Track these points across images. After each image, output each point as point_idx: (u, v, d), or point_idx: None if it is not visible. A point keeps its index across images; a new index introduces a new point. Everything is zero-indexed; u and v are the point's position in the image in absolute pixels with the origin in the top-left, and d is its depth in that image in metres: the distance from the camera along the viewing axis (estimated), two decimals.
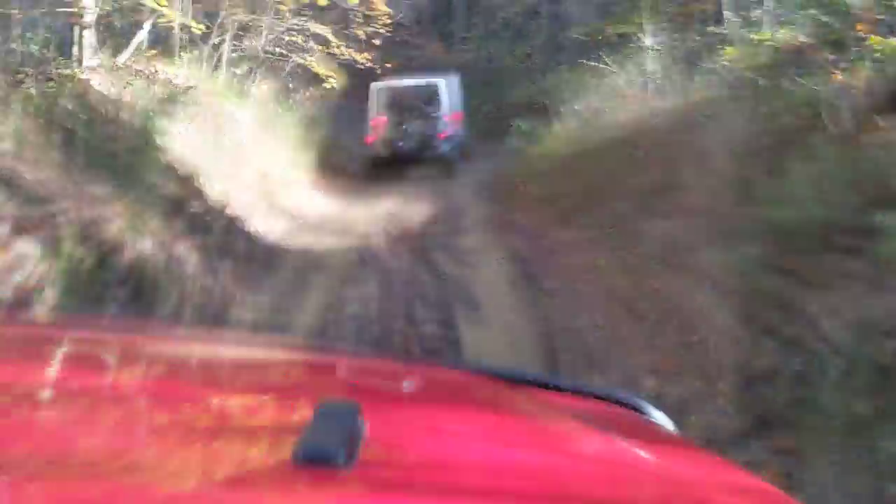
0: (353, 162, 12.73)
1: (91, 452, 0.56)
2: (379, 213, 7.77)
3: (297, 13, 11.38)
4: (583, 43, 16.00)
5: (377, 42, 12.43)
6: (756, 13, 8.86)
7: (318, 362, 1.01)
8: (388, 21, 11.87)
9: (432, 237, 6.47)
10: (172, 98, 7.83)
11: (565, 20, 18.52)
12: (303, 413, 0.61)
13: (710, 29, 9.64)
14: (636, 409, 0.84)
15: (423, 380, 0.90)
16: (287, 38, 11.56)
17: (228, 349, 1.07)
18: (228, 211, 6.35)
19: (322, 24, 11.64)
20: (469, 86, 19.60)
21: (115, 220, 4.36)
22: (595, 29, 16.13)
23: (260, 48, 11.04)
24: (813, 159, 3.03)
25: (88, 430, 0.62)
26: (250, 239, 5.88)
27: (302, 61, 11.86)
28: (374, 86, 11.42)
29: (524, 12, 20.52)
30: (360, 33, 12.37)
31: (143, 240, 4.51)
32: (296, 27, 11.36)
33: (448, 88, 11.73)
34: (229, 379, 0.89)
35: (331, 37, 11.70)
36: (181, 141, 6.92)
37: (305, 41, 11.84)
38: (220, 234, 5.54)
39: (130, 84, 7.65)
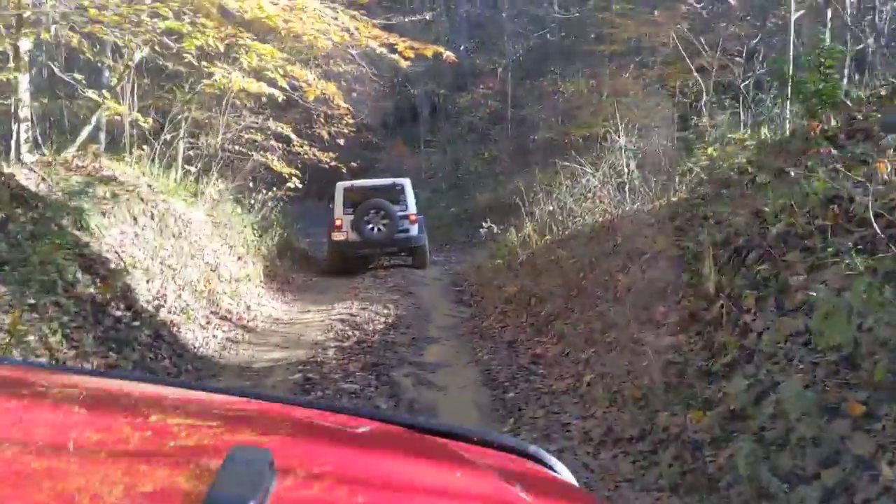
0: (312, 262, 12.22)
1: None
2: (335, 318, 7.02)
3: (256, 111, 11.11)
4: (549, 145, 16.17)
5: (341, 142, 12.23)
6: (720, 117, 8.81)
7: (234, 407, 0.93)
8: (351, 121, 11.69)
9: (393, 348, 5.70)
10: (113, 195, 7.29)
11: (530, 123, 18.83)
12: (215, 459, 0.61)
13: (677, 133, 9.59)
14: (541, 462, 0.84)
15: (336, 428, 0.86)
16: (246, 136, 11.18)
17: (138, 391, 0.98)
18: (161, 315, 5.57)
19: (283, 122, 11.38)
20: (435, 188, 19.57)
21: None
22: (560, 132, 16.41)
23: (217, 146, 10.59)
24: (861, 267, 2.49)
25: None
26: (179, 353, 5.04)
27: (263, 160, 11.46)
28: (340, 185, 11.37)
29: (489, 116, 20.87)
30: (324, 133, 12.15)
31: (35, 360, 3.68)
32: (255, 125, 11.04)
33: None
34: (138, 423, 0.82)
35: (293, 135, 11.42)
36: (116, 240, 6.25)
37: (266, 139, 11.50)
38: (144, 348, 4.72)
39: (64, 180, 7.12)
